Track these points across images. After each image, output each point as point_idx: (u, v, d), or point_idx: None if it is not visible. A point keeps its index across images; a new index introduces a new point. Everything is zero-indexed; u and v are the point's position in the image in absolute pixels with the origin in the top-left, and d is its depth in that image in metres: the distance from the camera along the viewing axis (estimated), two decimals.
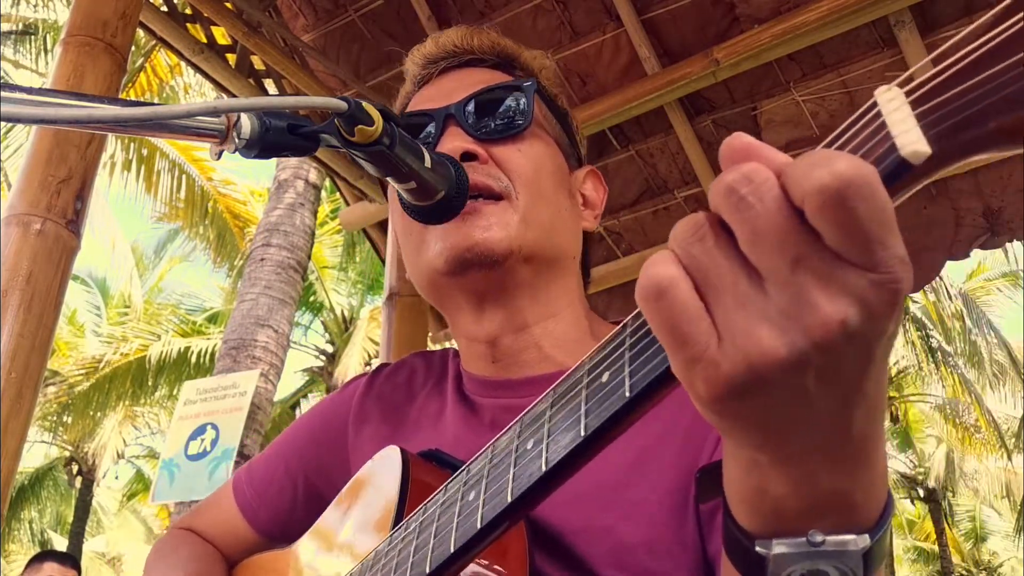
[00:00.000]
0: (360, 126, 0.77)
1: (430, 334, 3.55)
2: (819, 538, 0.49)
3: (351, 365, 14.62)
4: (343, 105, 0.76)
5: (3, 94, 0.61)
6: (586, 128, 3.03)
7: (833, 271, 0.42)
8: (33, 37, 14.08)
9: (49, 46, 13.78)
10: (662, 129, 3.16)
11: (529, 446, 0.62)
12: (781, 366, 0.43)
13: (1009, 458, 19.18)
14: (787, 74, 2.95)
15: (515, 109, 1.02)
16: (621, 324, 0.56)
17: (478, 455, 0.70)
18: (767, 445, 0.48)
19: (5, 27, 14.04)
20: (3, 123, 0.63)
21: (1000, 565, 22.18)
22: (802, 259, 0.42)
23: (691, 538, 0.85)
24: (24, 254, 1.85)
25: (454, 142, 0.99)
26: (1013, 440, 19.03)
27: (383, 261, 3.61)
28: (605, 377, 0.56)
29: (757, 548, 0.50)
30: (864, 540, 0.49)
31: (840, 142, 0.45)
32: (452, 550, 0.67)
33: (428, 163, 0.86)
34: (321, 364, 16.29)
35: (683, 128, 3.07)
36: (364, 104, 0.78)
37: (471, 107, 1.02)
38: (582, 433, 0.56)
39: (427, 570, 0.69)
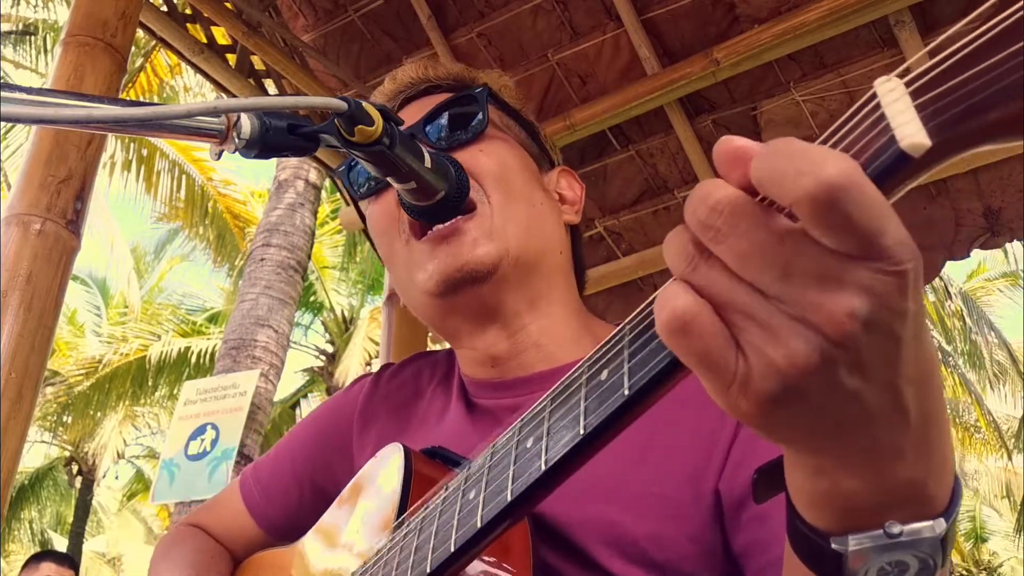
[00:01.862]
0: (360, 126, 0.77)
1: (430, 334, 3.55)
2: (896, 529, 0.48)
3: (351, 365, 14.62)
4: (343, 105, 0.76)
5: (3, 94, 0.61)
6: (586, 128, 3.03)
7: (827, 268, 0.42)
8: (33, 37, 14.08)
9: (49, 46, 13.78)
10: (662, 129, 3.16)
11: (529, 444, 0.62)
12: (808, 369, 0.43)
13: (1009, 458, 19.18)
14: (787, 74, 2.94)
15: (470, 115, 1.03)
16: (621, 324, 0.56)
17: (478, 454, 0.70)
18: (827, 448, 0.47)
19: (5, 27, 14.04)
20: (3, 123, 0.63)
21: (1000, 565, 22.17)
22: (790, 266, 0.42)
23: (703, 532, 0.85)
24: (24, 254, 1.85)
25: None
26: (1013, 440, 19.02)
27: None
28: (604, 375, 0.56)
29: (833, 546, 0.49)
30: (940, 525, 0.48)
31: (839, 135, 0.45)
32: (453, 549, 0.67)
33: (428, 163, 0.86)
34: (321, 364, 16.29)
35: (683, 128, 3.07)
36: (364, 104, 0.78)
37: (430, 123, 1.03)
38: (581, 432, 0.56)
39: (428, 569, 0.69)
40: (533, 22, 3.03)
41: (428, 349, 1.25)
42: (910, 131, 0.41)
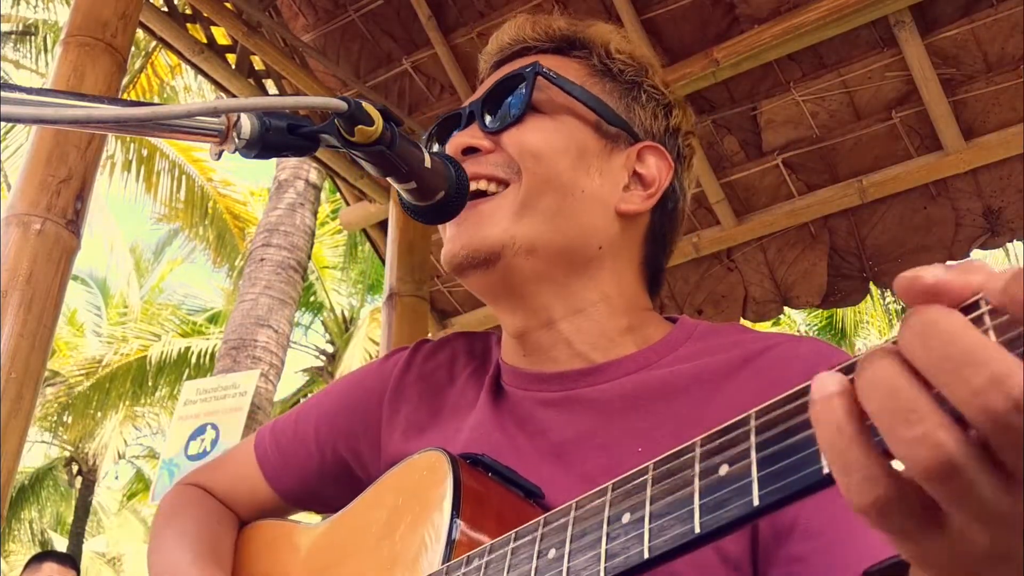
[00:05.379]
0: (360, 126, 0.78)
1: (430, 334, 3.55)
2: None
3: (351, 365, 14.62)
4: (343, 105, 0.76)
5: (3, 94, 0.61)
6: None
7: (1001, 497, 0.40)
8: (33, 37, 14.09)
9: (49, 46, 13.79)
10: None
11: (625, 520, 0.59)
12: None
13: None
14: (787, 74, 2.94)
15: (516, 97, 0.98)
16: (744, 416, 0.53)
17: (557, 510, 0.66)
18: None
19: (5, 27, 14.05)
20: (3, 123, 0.63)
21: None
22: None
23: (742, 562, 0.82)
24: (24, 254, 1.85)
25: (459, 138, 0.98)
26: None
27: (383, 261, 3.61)
28: (723, 471, 0.53)
29: None
30: None
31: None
32: None
33: (428, 163, 0.86)
34: (321, 364, 16.30)
35: None
36: (364, 104, 0.78)
37: (488, 101, 1.00)
38: (695, 530, 0.53)
39: None
40: None
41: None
42: None
